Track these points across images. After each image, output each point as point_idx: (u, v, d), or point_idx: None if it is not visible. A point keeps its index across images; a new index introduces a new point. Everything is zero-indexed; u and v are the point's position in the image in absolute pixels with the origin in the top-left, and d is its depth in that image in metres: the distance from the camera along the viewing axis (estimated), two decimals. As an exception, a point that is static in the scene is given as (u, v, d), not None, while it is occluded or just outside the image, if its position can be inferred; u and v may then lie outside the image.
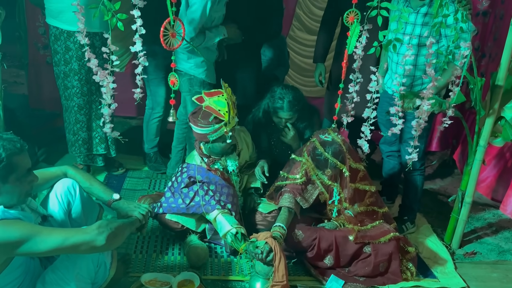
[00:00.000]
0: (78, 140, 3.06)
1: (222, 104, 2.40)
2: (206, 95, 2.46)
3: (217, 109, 2.40)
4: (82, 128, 3.04)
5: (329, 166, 2.38)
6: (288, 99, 2.69)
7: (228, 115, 2.39)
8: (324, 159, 2.39)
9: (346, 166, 2.37)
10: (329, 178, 2.41)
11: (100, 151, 3.12)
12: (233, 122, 2.46)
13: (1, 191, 1.55)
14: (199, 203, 2.49)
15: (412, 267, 2.46)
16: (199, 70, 2.86)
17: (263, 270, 2.20)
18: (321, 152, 2.39)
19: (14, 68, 4.57)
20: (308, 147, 2.48)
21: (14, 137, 1.59)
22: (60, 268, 1.70)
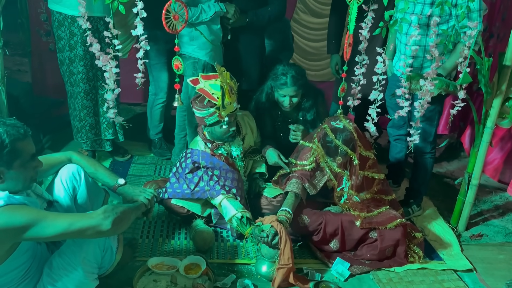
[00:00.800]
0: (86, 126, 3.06)
1: (216, 87, 2.39)
2: (203, 78, 2.45)
3: (211, 93, 2.39)
4: (89, 114, 3.03)
5: (340, 153, 2.36)
6: (291, 74, 2.67)
7: (221, 100, 2.37)
8: (334, 146, 2.37)
9: (356, 154, 2.35)
10: (339, 166, 2.39)
11: (108, 136, 3.13)
12: (230, 108, 2.44)
13: (6, 177, 1.55)
14: (204, 188, 2.49)
15: (419, 251, 2.46)
16: (202, 52, 2.82)
17: (268, 253, 2.21)
18: (332, 139, 2.37)
19: (18, 56, 4.57)
20: (319, 134, 2.45)
21: (17, 123, 1.59)
22: (67, 252, 1.71)
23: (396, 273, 2.35)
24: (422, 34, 2.45)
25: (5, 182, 1.55)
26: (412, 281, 2.30)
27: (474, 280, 2.38)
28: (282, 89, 2.70)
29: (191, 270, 2.17)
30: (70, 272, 1.69)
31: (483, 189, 3.24)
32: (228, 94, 2.39)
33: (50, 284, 1.68)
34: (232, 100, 2.45)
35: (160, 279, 2.12)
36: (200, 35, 2.73)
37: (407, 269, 2.39)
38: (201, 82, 2.43)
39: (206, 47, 2.82)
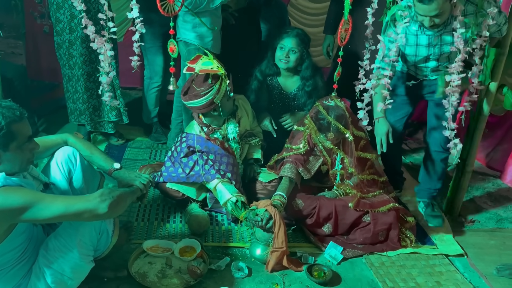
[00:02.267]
0: (89, 108, 3.05)
1: (209, 63, 2.42)
2: (191, 63, 2.46)
3: (210, 68, 2.41)
4: (92, 96, 3.03)
5: (332, 129, 2.39)
6: (297, 31, 2.81)
7: (222, 68, 2.42)
8: (327, 123, 2.40)
9: (350, 131, 2.37)
10: (332, 143, 2.42)
11: (112, 118, 3.12)
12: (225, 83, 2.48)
13: (2, 159, 1.55)
14: (199, 173, 2.50)
15: (411, 235, 2.50)
16: (205, 40, 2.83)
17: (263, 237, 2.23)
18: (324, 116, 2.40)
19: (12, 39, 4.50)
20: (311, 112, 2.49)
21: (13, 105, 1.58)
22: (63, 235, 1.72)
23: (388, 257, 2.39)
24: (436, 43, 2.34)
25: (1, 164, 1.55)
26: (404, 265, 2.34)
27: (465, 264, 2.42)
28: (283, 39, 2.78)
29: (186, 253, 2.20)
30: (65, 254, 1.70)
31: (475, 175, 3.27)
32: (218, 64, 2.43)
33: (45, 265, 1.69)
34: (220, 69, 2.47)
35: (155, 261, 2.14)
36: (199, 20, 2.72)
37: (399, 253, 2.42)
38: (195, 66, 2.43)
39: (208, 35, 2.82)
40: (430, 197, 2.75)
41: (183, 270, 2.10)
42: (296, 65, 2.85)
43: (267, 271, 2.19)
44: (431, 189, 2.73)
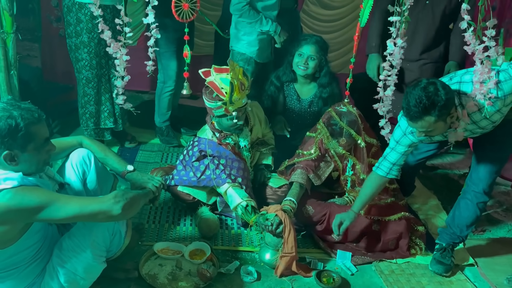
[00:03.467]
0: (86, 113, 3.08)
1: (227, 82, 2.38)
2: (215, 70, 2.44)
3: (220, 87, 2.39)
4: (89, 102, 3.05)
5: (344, 135, 2.40)
6: (316, 37, 2.82)
7: (229, 96, 2.37)
8: (339, 128, 2.41)
9: (362, 137, 2.38)
10: (344, 148, 2.43)
11: (109, 125, 3.14)
12: (238, 104, 2.43)
13: (20, 159, 1.58)
14: (210, 177, 2.52)
15: (421, 243, 2.49)
16: (251, 48, 2.93)
17: (272, 242, 2.24)
18: (337, 121, 2.41)
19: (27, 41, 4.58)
20: (324, 117, 2.50)
21: (32, 107, 1.62)
22: (77, 235, 1.75)
23: (398, 265, 2.38)
24: None
25: (19, 164, 1.58)
26: (413, 274, 2.33)
27: (475, 274, 2.41)
28: (302, 46, 2.80)
29: (196, 255, 2.21)
30: (79, 254, 1.73)
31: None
32: (237, 90, 2.38)
33: (59, 265, 1.72)
34: (242, 97, 2.43)
35: (165, 263, 2.16)
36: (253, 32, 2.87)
37: (409, 262, 2.42)
38: (212, 74, 2.43)
39: (254, 44, 2.92)
40: (450, 243, 2.42)
41: (193, 272, 2.12)
42: (314, 72, 2.88)
43: (276, 276, 2.20)
44: (455, 234, 2.40)
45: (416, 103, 1.86)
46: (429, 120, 1.90)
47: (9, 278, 1.65)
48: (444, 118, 1.92)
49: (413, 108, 1.88)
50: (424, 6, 2.83)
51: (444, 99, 1.86)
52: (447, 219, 2.50)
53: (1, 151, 1.54)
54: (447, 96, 1.87)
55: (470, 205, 2.36)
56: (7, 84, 2.31)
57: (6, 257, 1.60)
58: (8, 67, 2.28)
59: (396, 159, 2.22)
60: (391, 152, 2.24)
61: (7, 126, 1.52)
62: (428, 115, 1.88)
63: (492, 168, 2.28)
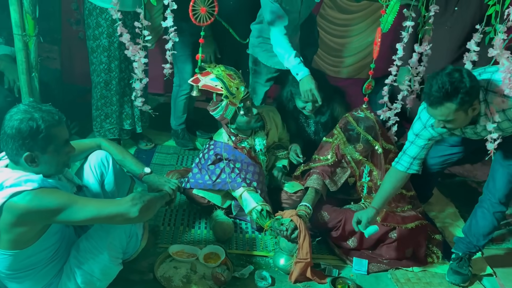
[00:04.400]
0: (101, 115, 3.11)
1: (213, 79, 2.41)
2: (202, 75, 2.45)
3: (214, 85, 2.41)
4: (106, 104, 3.08)
5: (361, 140, 2.38)
6: None
7: (226, 88, 2.38)
8: (356, 134, 2.39)
9: (379, 143, 2.36)
10: (360, 154, 2.41)
11: (126, 127, 3.18)
12: (239, 93, 2.43)
13: (40, 161, 1.60)
14: (225, 180, 2.52)
15: (438, 251, 2.46)
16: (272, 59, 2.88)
17: (287, 247, 2.23)
18: (354, 127, 2.39)
19: (47, 44, 4.66)
20: (341, 122, 2.49)
21: (52, 109, 1.64)
22: (94, 237, 1.76)
23: (414, 273, 2.35)
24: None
25: (39, 166, 1.61)
26: (430, 283, 2.30)
27: (493, 284, 2.36)
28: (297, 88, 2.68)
29: (211, 259, 2.22)
30: (96, 255, 1.74)
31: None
32: (229, 81, 2.40)
33: (76, 266, 1.74)
34: (238, 85, 2.44)
35: (180, 266, 2.17)
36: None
37: (425, 270, 2.38)
38: (201, 79, 2.44)
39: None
40: (467, 252, 2.38)
41: (207, 276, 2.12)
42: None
43: (290, 282, 2.19)
44: (471, 244, 2.36)
45: (439, 88, 1.81)
46: (450, 107, 1.83)
47: (27, 278, 1.68)
48: (465, 108, 1.86)
49: (435, 93, 1.83)
50: (453, 13, 2.78)
51: (468, 86, 1.80)
52: (463, 228, 2.45)
53: (22, 152, 1.57)
54: (471, 84, 1.81)
55: (486, 214, 2.31)
56: (28, 86, 2.35)
57: (24, 258, 1.62)
58: (30, 70, 2.32)
59: (417, 153, 2.16)
60: (411, 146, 2.18)
61: (28, 128, 1.54)
62: (449, 102, 1.82)
63: (510, 178, 2.23)
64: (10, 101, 2.60)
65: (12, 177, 1.54)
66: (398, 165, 2.22)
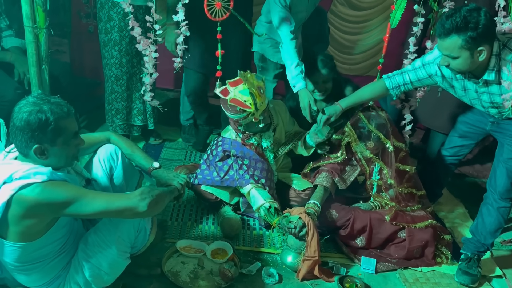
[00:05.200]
0: (112, 110, 3.11)
1: (246, 93, 2.35)
2: (231, 85, 2.41)
3: (243, 100, 2.36)
4: (116, 99, 3.07)
5: (372, 138, 2.36)
6: (320, 58, 2.73)
7: (254, 105, 2.35)
8: (367, 131, 2.37)
9: (390, 141, 2.33)
10: (371, 152, 2.39)
11: (137, 123, 3.18)
12: (262, 107, 2.41)
13: (49, 153, 1.60)
14: (233, 177, 2.50)
15: (447, 252, 2.43)
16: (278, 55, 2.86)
17: (295, 245, 2.22)
18: (365, 124, 2.38)
19: (57, 37, 4.67)
20: (352, 119, 2.46)
21: (61, 101, 1.63)
22: (103, 230, 1.76)
23: (423, 273, 2.33)
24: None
25: (48, 158, 1.60)
26: (439, 283, 2.28)
27: (503, 286, 2.34)
28: (314, 74, 2.71)
29: (218, 255, 2.21)
30: (104, 249, 1.74)
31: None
32: (258, 97, 2.37)
33: (84, 259, 1.74)
34: (263, 99, 2.42)
35: (187, 261, 2.17)
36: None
37: (434, 270, 2.36)
38: (230, 91, 2.40)
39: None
40: (476, 252, 2.36)
41: (215, 272, 2.12)
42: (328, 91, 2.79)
43: (297, 279, 2.18)
44: (479, 242, 2.34)
45: (451, 19, 1.83)
46: (456, 41, 1.84)
47: (34, 270, 1.68)
48: (471, 48, 1.85)
49: (446, 23, 1.84)
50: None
51: (480, 25, 1.81)
52: (471, 227, 2.44)
53: (31, 144, 1.56)
54: (485, 23, 1.81)
55: (491, 211, 2.30)
56: (38, 78, 2.34)
57: (33, 250, 1.62)
58: (40, 62, 2.31)
59: (411, 81, 2.21)
60: (412, 71, 2.21)
61: (37, 120, 1.54)
62: (457, 35, 1.83)
63: (509, 174, 2.22)
64: (20, 93, 2.61)
65: (22, 170, 1.53)
66: (387, 81, 2.28)
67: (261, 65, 3.02)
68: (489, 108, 2.11)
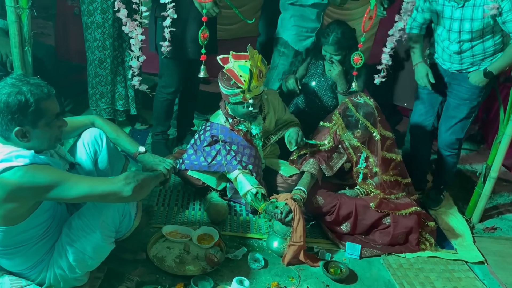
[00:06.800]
0: (96, 94, 3.06)
1: (245, 70, 2.31)
2: (233, 57, 2.37)
3: (238, 75, 2.32)
4: (100, 83, 3.03)
5: (360, 127, 2.36)
6: (335, 34, 2.75)
7: (248, 83, 2.31)
8: (355, 120, 2.37)
9: (377, 130, 2.34)
10: (358, 140, 2.40)
11: (119, 107, 3.13)
12: (256, 91, 2.37)
13: (31, 136, 1.57)
14: (221, 162, 2.50)
15: (431, 239, 2.46)
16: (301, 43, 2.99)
17: (281, 230, 2.23)
18: (353, 113, 2.38)
19: (41, 19, 4.56)
20: (340, 108, 2.46)
21: (41, 82, 1.59)
22: (86, 215, 1.74)
23: (406, 259, 2.36)
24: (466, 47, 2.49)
25: (31, 141, 1.57)
26: (422, 269, 2.31)
27: (484, 272, 2.38)
28: (324, 46, 2.80)
29: (204, 240, 2.21)
30: (88, 234, 1.72)
31: (500, 182, 3.20)
32: (256, 78, 2.32)
33: (68, 244, 1.72)
34: (259, 84, 2.37)
35: (173, 246, 2.16)
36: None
37: (418, 256, 2.40)
38: (230, 61, 2.36)
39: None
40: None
41: (201, 257, 2.12)
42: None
43: (283, 264, 2.19)
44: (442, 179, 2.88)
45: None
46: None
47: (17, 255, 1.66)
48: None
49: None
50: None
51: None
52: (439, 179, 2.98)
53: (12, 127, 1.53)
54: None
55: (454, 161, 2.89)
56: (21, 60, 2.28)
57: (15, 234, 1.60)
58: (23, 43, 2.25)
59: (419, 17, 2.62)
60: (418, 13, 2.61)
61: (16, 102, 1.50)
62: None
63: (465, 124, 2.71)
64: (2, 75, 2.54)
65: (3, 153, 1.51)
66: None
67: (283, 50, 3.05)
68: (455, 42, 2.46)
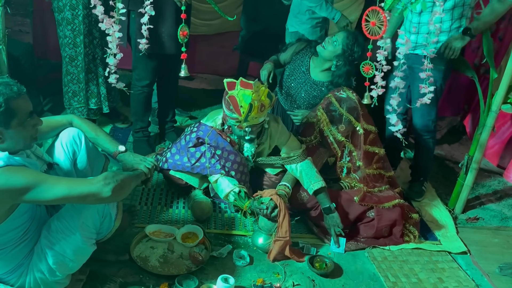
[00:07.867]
0: (68, 92, 3.00)
1: (247, 100, 2.22)
2: (241, 85, 2.28)
3: (239, 105, 2.24)
4: (72, 80, 2.97)
5: (343, 121, 2.37)
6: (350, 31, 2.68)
7: (245, 116, 2.24)
8: (339, 115, 2.38)
9: (361, 124, 2.35)
10: (342, 135, 2.40)
11: (91, 106, 3.07)
12: (254, 121, 2.29)
13: (5, 137, 1.53)
14: (205, 165, 2.43)
15: (415, 231, 2.48)
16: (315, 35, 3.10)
17: (266, 226, 2.22)
18: (337, 108, 2.38)
19: (19, 16, 4.46)
20: (323, 103, 2.46)
21: (10, 81, 1.54)
22: (66, 216, 1.70)
23: (391, 252, 2.38)
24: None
25: (5, 142, 1.53)
26: (406, 261, 2.33)
27: (467, 262, 2.41)
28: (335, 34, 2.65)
29: (188, 238, 2.19)
30: (68, 236, 1.69)
31: (482, 173, 3.25)
32: (256, 110, 2.24)
33: (48, 247, 1.68)
34: (259, 116, 2.29)
35: (157, 246, 2.14)
36: None
37: (402, 248, 2.41)
38: (237, 88, 2.28)
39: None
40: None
41: (185, 256, 2.10)
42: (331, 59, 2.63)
43: (268, 260, 2.19)
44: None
45: None
46: None
47: (-4, 259, 1.62)
48: None
49: None
50: None
51: None
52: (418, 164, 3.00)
53: None
54: None
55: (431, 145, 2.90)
56: (-5, 59, 2.23)
57: (-8, 238, 1.56)
58: (-3, 42, 2.20)
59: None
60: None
61: None
62: None
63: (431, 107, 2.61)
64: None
65: (-24, 155, 1.46)
66: None
67: None
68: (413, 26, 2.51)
